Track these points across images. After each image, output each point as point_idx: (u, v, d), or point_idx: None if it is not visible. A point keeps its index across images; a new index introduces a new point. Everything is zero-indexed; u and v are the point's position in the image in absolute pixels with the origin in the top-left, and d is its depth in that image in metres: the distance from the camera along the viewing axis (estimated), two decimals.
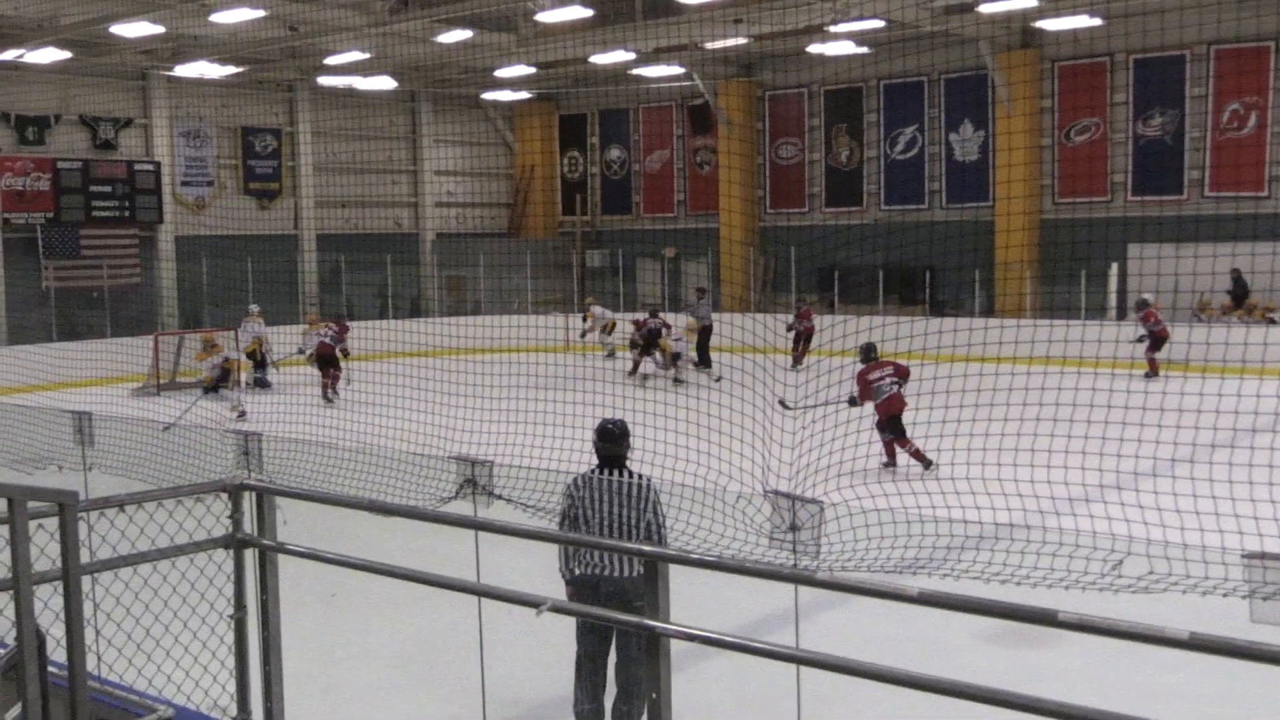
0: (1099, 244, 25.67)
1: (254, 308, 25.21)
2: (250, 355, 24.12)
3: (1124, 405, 8.90)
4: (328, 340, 22.43)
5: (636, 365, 24.28)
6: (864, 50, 28.03)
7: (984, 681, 3.48)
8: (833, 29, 25.82)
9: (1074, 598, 6.18)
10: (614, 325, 28.19)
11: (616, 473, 6.75)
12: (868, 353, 14.46)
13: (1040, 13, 24.96)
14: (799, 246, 30.39)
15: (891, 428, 13.35)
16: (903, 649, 7.63)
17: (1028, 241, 27.64)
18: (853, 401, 13.48)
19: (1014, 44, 28.02)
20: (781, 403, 11.50)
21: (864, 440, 9.42)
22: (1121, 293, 26.33)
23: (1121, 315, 25.83)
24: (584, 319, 28.59)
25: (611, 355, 27.43)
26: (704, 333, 25.33)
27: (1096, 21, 24.91)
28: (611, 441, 6.90)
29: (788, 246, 30.87)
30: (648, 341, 24.36)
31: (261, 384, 23.84)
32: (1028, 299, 26.88)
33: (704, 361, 24.87)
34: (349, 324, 23.45)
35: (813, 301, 27.24)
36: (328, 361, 22.37)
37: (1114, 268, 26.38)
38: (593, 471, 6.80)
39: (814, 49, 28.38)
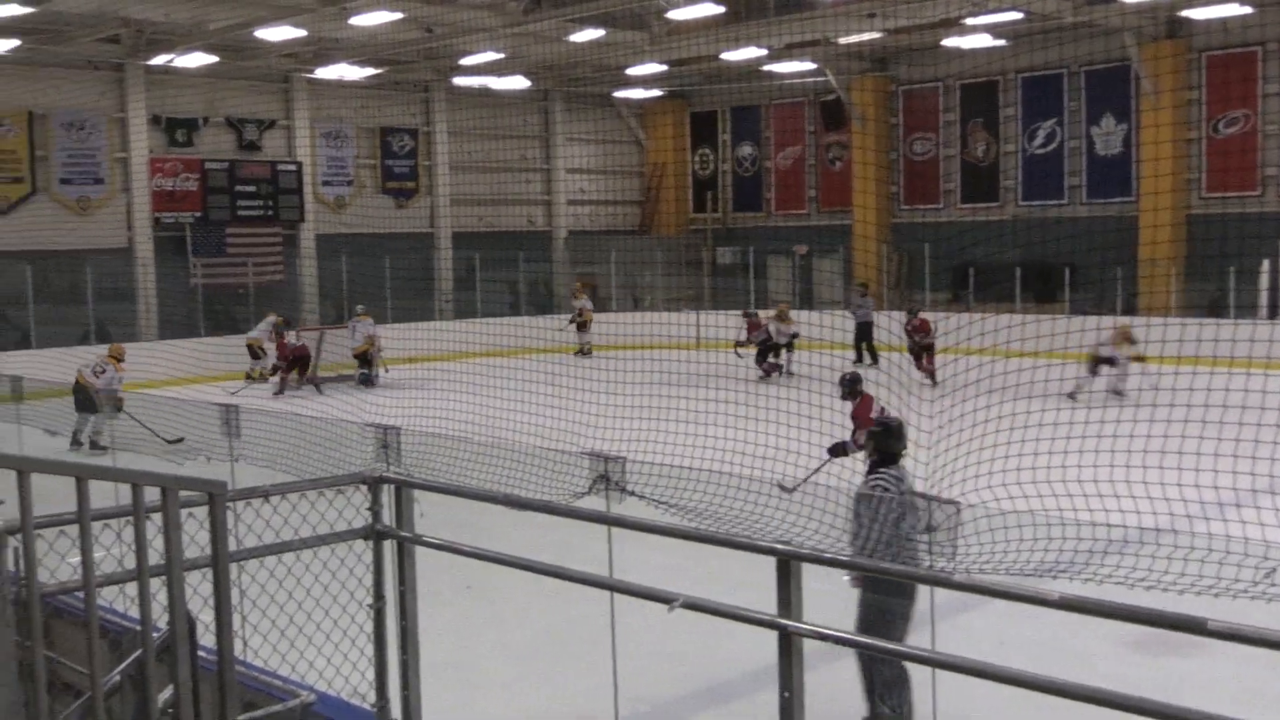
0: (1250, 240, 24.72)
1: (360, 308, 25.81)
2: (360, 356, 24.72)
3: (1277, 407, 8.56)
4: (302, 344, 24.46)
5: (778, 368, 23.93)
6: (1001, 43, 27.47)
7: (1127, 690, 3.38)
8: (969, 22, 25.36)
9: (1223, 605, 5.97)
10: (590, 320, 28.73)
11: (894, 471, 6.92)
12: (853, 386, 12.62)
13: (1187, 1, 24.15)
14: (934, 243, 29.92)
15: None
16: (1041, 654, 7.46)
17: (1174, 237, 26.77)
18: (838, 450, 11.63)
19: (1159, 34, 27.16)
20: (780, 486, 10.31)
21: (1003, 440, 9.25)
22: (1274, 290, 25.34)
23: (1274, 314, 24.87)
24: (579, 312, 28.92)
25: (586, 353, 27.56)
26: (863, 329, 25.35)
27: (1246, 9, 24.00)
28: (901, 439, 7.09)
29: (922, 243, 30.42)
30: (764, 349, 23.98)
31: (366, 381, 24.35)
32: (1173, 297, 26.05)
33: (867, 357, 25.07)
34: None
35: (948, 299, 26.70)
36: (297, 363, 24.37)
37: (1265, 264, 25.40)
38: (891, 471, 6.92)
39: (949, 43, 27.89)
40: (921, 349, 22.40)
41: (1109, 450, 8.81)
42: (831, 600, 7.09)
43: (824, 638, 4.08)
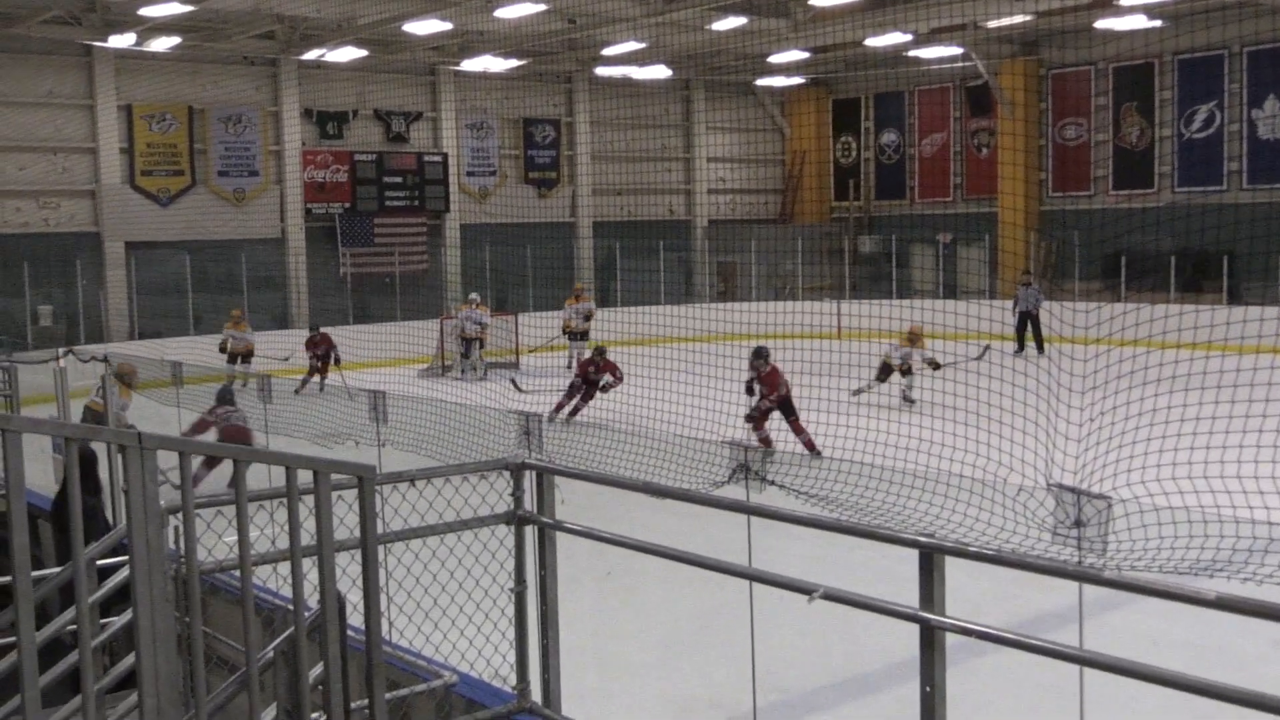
0: None
1: (475, 296, 25.67)
2: (468, 342, 24.85)
3: None
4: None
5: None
6: (1157, 24, 26.54)
7: None
8: (1124, 2, 24.57)
9: None
10: (590, 322, 25.05)
11: None
12: (221, 397, 13.50)
13: None
14: (1084, 231, 29.11)
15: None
16: (1195, 655, 7.21)
17: None
18: None
19: None
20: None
21: (1158, 433, 8.96)
22: None
23: None
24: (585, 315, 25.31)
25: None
26: (1025, 318, 24.98)
27: None
28: None
29: (1071, 231, 29.62)
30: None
31: (474, 369, 24.51)
32: None
33: (1031, 347, 24.46)
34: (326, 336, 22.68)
35: (1099, 288, 25.79)
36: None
37: None
38: None
39: (1102, 24, 27.05)
40: (769, 409, 14.98)
41: (1271, 445, 8.46)
42: (975, 594, 6.97)
43: (967, 632, 4.01)
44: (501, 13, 24.02)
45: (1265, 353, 9.87)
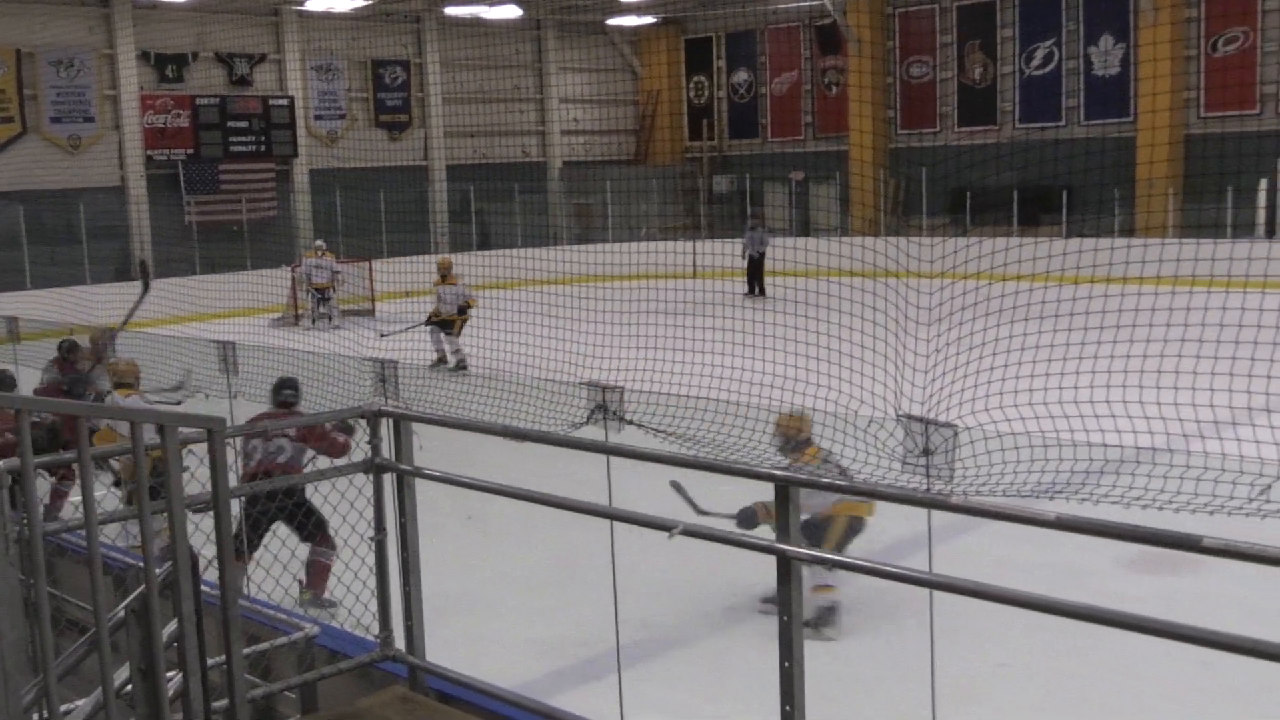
0: (1248, 158, 24.55)
1: (320, 243, 24.91)
2: (321, 291, 24.38)
3: (1275, 325, 8.56)
4: None
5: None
6: None
7: (1124, 607, 3.40)
8: None
9: (1219, 523, 6.02)
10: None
11: None
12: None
13: None
14: (931, 167, 29.76)
15: None
16: (1039, 575, 7.52)
17: (1171, 157, 26.62)
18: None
19: None
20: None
21: (999, 363, 9.26)
22: (1271, 209, 25.26)
23: (1271, 232, 24.80)
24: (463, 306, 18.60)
25: (463, 367, 17.34)
26: (757, 261, 25.62)
27: None
28: None
29: (919, 168, 30.26)
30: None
31: (328, 318, 23.99)
32: (1170, 217, 25.96)
33: (755, 290, 25.22)
34: None
35: (945, 223, 26.53)
36: None
37: (1263, 183, 25.29)
38: None
39: None
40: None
41: (1105, 371, 8.82)
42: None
43: (821, 561, 4.12)
44: None
45: (1099, 283, 10.26)
